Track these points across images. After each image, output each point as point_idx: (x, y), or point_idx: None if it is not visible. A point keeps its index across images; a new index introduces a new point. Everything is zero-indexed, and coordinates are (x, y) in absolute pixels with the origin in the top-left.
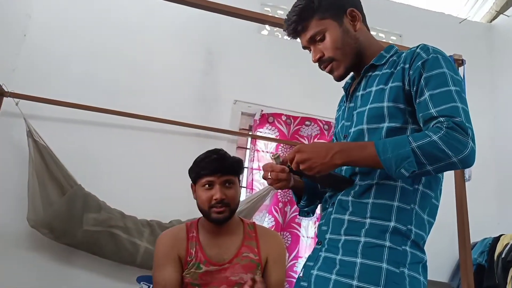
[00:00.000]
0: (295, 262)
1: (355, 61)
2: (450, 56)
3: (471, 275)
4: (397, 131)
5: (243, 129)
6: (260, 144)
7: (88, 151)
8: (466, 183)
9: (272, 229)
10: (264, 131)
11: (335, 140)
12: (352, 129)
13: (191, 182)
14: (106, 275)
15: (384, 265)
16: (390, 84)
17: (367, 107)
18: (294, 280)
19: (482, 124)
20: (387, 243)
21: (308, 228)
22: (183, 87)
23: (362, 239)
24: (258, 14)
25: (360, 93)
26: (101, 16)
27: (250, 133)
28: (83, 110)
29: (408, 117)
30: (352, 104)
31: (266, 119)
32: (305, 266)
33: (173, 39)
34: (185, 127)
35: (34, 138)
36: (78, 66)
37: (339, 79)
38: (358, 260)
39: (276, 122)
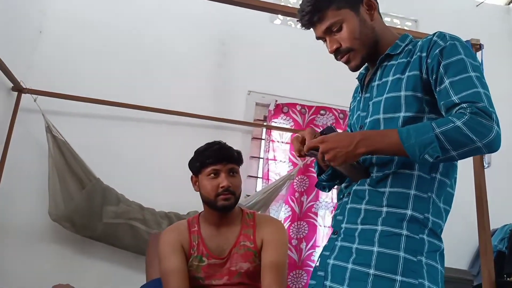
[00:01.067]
0: (313, 251)
1: (371, 51)
2: (467, 41)
3: (491, 262)
4: (413, 120)
5: (257, 119)
6: (275, 134)
7: (106, 145)
8: (486, 170)
9: (283, 219)
10: (279, 121)
11: (349, 131)
12: (368, 119)
13: (191, 174)
14: (126, 266)
15: (402, 254)
16: (407, 73)
17: (384, 96)
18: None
19: (502, 110)
20: (404, 232)
21: (325, 217)
22: (197, 79)
23: (379, 228)
24: (270, 4)
25: (376, 83)
26: (115, 11)
27: (265, 123)
28: (100, 104)
29: (425, 106)
30: (368, 95)
31: (280, 109)
32: (321, 255)
33: (187, 31)
34: (200, 119)
35: (52, 134)
36: (94, 61)
37: (355, 69)
38: (375, 249)
39: (290, 112)
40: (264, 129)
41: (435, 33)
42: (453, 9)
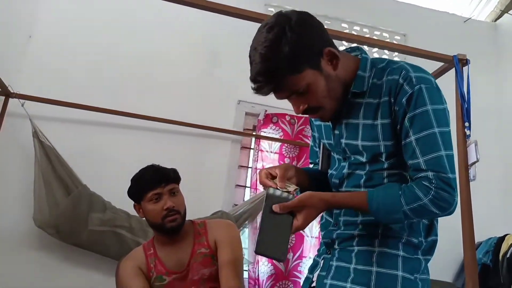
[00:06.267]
0: (300, 262)
1: (341, 98)
2: (454, 56)
3: (476, 275)
4: (399, 162)
5: (247, 129)
6: (264, 144)
7: (93, 151)
8: (471, 183)
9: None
10: (268, 131)
11: (317, 148)
12: (353, 160)
13: (133, 203)
14: (112, 274)
15: (400, 273)
16: (380, 121)
17: (360, 143)
18: (299, 280)
19: (487, 124)
20: (401, 253)
21: (312, 227)
22: (187, 88)
23: (376, 249)
24: (262, 15)
25: (344, 120)
26: (106, 17)
27: (254, 133)
28: (88, 110)
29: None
30: (337, 132)
31: (270, 119)
32: (318, 276)
33: (177, 39)
34: (189, 127)
35: (39, 139)
36: (83, 67)
37: (328, 121)
38: (374, 269)
39: (280, 122)
40: (253, 139)
41: (401, 72)
42: (441, 24)
